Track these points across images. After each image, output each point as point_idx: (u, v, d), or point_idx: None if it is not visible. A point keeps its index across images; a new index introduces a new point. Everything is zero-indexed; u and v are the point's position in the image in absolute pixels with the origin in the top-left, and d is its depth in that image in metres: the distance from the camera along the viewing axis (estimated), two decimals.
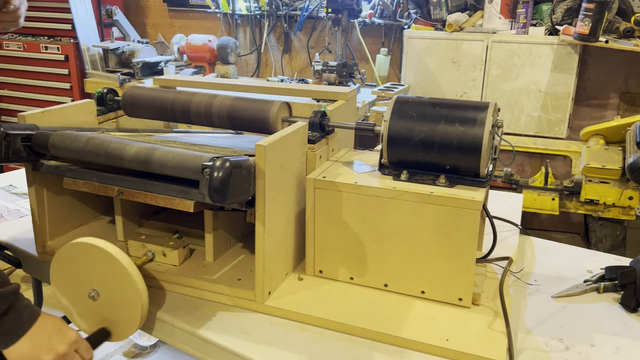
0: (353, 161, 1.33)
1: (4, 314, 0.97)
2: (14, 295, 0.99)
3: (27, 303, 1.02)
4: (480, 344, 1.05)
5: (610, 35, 2.85)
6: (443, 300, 1.17)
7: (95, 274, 1.09)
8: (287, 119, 1.36)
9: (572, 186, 2.66)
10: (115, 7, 3.91)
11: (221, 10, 3.95)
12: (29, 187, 1.33)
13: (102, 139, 1.21)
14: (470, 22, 3.16)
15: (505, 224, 1.57)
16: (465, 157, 1.14)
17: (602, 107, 3.23)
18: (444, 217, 1.11)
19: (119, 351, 2.58)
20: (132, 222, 1.43)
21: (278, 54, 3.99)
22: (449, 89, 3.20)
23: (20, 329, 0.99)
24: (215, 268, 1.28)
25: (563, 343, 1.11)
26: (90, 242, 1.08)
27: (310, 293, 1.21)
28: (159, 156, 1.13)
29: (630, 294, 1.23)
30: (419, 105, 1.21)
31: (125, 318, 1.09)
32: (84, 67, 3.80)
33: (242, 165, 1.03)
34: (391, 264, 1.19)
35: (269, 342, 1.08)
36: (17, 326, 0.99)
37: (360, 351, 1.06)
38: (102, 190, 1.22)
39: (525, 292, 1.29)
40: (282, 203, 1.18)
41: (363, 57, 3.72)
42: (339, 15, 3.33)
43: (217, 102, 1.39)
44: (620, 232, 2.73)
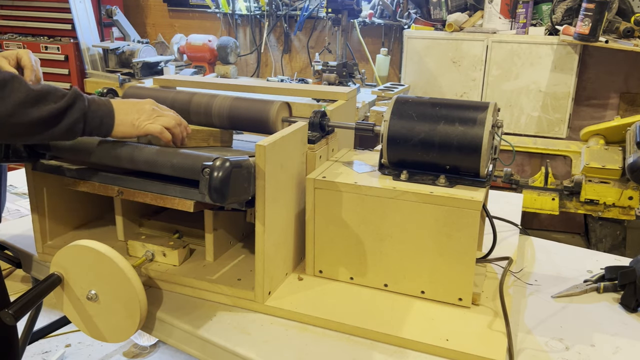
0: (353, 161, 1.33)
1: (86, 113, 1.09)
2: (81, 101, 1.09)
3: (92, 98, 1.12)
4: (480, 344, 1.05)
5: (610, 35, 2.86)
6: (443, 300, 1.17)
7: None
8: (287, 119, 1.36)
9: (572, 186, 2.66)
10: (115, 7, 3.91)
11: (221, 10, 3.95)
12: (29, 187, 1.33)
13: (102, 139, 1.21)
14: (470, 22, 3.16)
15: (505, 224, 1.57)
16: (465, 157, 1.14)
17: (602, 107, 3.23)
18: (444, 217, 1.11)
19: (119, 351, 2.58)
20: (132, 222, 1.43)
21: (278, 54, 3.99)
22: (449, 89, 3.20)
23: (108, 112, 1.12)
24: (215, 268, 1.28)
25: (563, 343, 1.11)
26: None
27: (310, 293, 1.22)
28: (159, 156, 1.13)
29: (630, 294, 1.23)
30: (419, 105, 1.21)
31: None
32: (84, 67, 3.80)
33: (242, 165, 1.03)
34: (391, 264, 1.19)
35: (269, 342, 1.08)
36: (105, 111, 1.12)
37: (360, 351, 1.06)
38: (102, 190, 1.22)
39: (525, 292, 1.29)
40: (282, 203, 1.18)
41: (363, 57, 3.72)
42: (339, 15, 3.33)
43: (217, 102, 1.39)
44: (620, 232, 2.73)
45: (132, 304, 1.07)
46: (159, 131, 1.16)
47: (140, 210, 1.44)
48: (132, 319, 1.09)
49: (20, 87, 1.01)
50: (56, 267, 1.13)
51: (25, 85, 1.02)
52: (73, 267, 1.11)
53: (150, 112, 1.16)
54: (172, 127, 1.18)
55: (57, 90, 1.07)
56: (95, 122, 1.10)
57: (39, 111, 1.02)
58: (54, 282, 1.11)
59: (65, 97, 1.06)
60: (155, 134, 1.16)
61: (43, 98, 1.03)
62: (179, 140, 1.21)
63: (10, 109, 0.99)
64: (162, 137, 1.16)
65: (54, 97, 1.05)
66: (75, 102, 1.07)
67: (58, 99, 1.05)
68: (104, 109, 1.12)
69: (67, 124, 1.06)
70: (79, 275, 1.11)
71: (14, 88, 1.00)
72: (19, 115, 1.01)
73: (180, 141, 1.21)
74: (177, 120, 1.20)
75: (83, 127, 1.09)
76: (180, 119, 1.22)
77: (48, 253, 1.38)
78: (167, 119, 1.18)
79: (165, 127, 1.17)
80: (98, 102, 1.12)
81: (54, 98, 1.04)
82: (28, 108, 1.01)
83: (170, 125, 1.18)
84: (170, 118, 1.19)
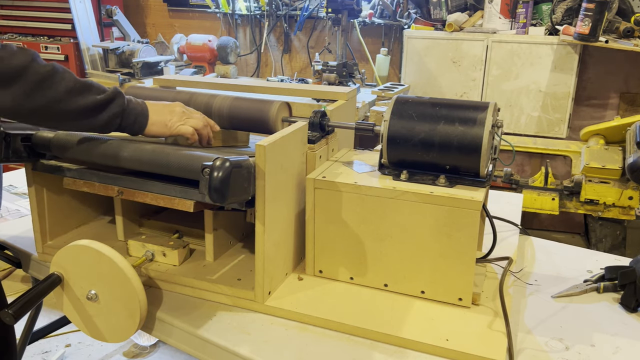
0: (353, 161, 1.33)
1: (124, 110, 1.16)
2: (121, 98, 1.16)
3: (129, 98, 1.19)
4: (480, 344, 1.05)
5: (610, 35, 2.86)
6: (443, 300, 1.17)
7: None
8: (287, 119, 1.36)
9: (572, 186, 2.66)
10: (115, 7, 3.92)
11: (221, 10, 3.95)
12: (29, 187, 1.33)
13: (103, 139, 1.21)
14: (470, 22, 3.16)
15: (505, 224, 1.57)
16: (465, 157, 1.14)
17: (602, 107, 3.23)
18: (444, 217, 1.11)
19: (119, 351, 2.58)
20: (132, 222, 1.43)
21: (278, 54, 3.99)
22: (449, 89, 3.20)
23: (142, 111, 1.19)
24: (215, 268, 1.28)
25: (563, 343, 1.11)
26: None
27: (310, 293, 1.21)
28: (159, 156, 1.13)
29: (630, 294, 1.23)
30: (419, 105, 1.21)
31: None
32: (84, 67, 3.80)
33: (242, 165, 1.03)
34: (391, 264, 1.19)
35: (269, 342, 1.08)
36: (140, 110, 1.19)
37: (360, 351, 1.06)
38: (102, 190, 1.22)
39: (525, 292, 1.29)
40: (282, 203, 1.18)
41: (363, 57, 3.72)
42: (339, 15, 3.33)
43: (217, 102, 1.39)
44: (620, 232, 2.73)
45: (132, 304, 1.07)
46: (191, 133, 1.24)
47: (140, 210, 1.44)
48: (132, 319, 1.09)
49: (70, 76, 1.09)
50: (56, 267, 1.13)
51: (73, 75, 1.10)
52: (73, 267, 1.11)
53: (181, 114, 1.24)
54: (201, 128, 1.26)
55: (100, 85, 1.15)
56: (130, 119, 1.17)
57: (84, 100, 1.09)
58: (54, 282, 1.11)
59: (107, 91, 1.14)
60: (187, 135, 1.24)
61: (88, 89, 1.11)
62: (205, 140, 1.29)
63: (59, 95, 1.06)
64: (191, 138, 1.25)
65: (97, 90, 1.12)
66: (116, 97, 1.14)
67: (101, 92, 1.13)
68: (139, 109, 1.19)
69: (107, 116, 1.13)
70: (79, 275, 1.11)
71: (64, 77, 1.08)
72: (67, 102, 1.08)
73: (207, 141, 1.30)
74: (204, 122, 1.28)
75: (120, 122, 1.16)
76: (207, 120, 1.30)
77: (48, 253, 1.38)
78: (196, 121, 1.26)
79: (195, 128, 1.25)
80: (135, 101, 1.19)
81: (97, 91, 1.12)
82: (75, 96, 1.09)
83: (199, 127, 1.26)
84: (199, 120, 1.27)
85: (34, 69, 1.04)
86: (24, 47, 1.06)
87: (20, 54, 1.03)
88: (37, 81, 1.04)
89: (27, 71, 1.03)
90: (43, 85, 1.05)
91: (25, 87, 1.03)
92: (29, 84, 1.03)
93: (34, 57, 1.05)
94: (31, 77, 1.03)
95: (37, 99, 1.05)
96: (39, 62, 1.06)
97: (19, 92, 1.03)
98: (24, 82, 1.03)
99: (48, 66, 1.06)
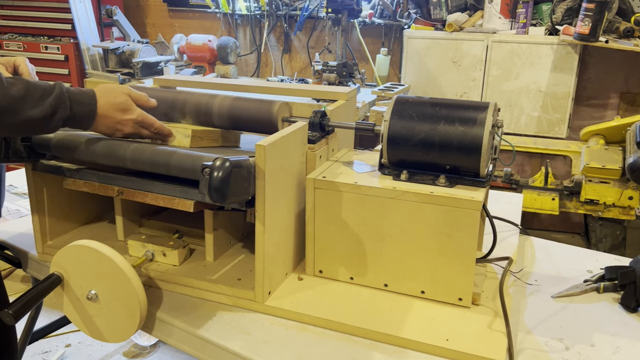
0: (353, 161, 1.33)
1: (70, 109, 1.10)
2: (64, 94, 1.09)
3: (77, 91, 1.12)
4: (480, 344, 1.05)
5: (610, 35, 2.86)
6: (443, 300, 1.17)
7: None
8: (287, 119, 1.36)
9: (572, 186, 2.66)
10: (115, 7, 3.91)
11: (221, 10, 3.95)
12: (29, 187, 1.33)
13: (103, 139, 1.21)
14: (470, 22, 3.16)
15: (505, 224, 1.57)
16: (465, 157, 1.14)
17: (602, 107, 3.23)
18: (444, 217, 1.11)
19: (119, 351, 2.58)
20: (132, 222, 1.43)
21: (278, 54, 3.99)
22: (449, 89, 3.21)
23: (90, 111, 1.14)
24: (215, 268, 1.28)
25: (563, 343, 1.11)
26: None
27: (310, 293, 1.21)
28: (160, 156, 1.13)
29: (630, 294, 1.23)
30: (419, 105, 1.21)
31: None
32: (84, 67, 3.80)
33: (242, 165, 1.03)
34: (391, 264, 1.19)
35: (269, 342, 1.08)
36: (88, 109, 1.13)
37: (360, 351, 1.06)
38: (102, 190, 1.22)
39: (525, 292, 1.29)
40: (282, 203, 1.18)
41: (363, 57, 3.72)
42: (339, 15, 3.33)
43: (217, 102, 1.39)
44: (620, 232, 2.73)
45: (132, 304, 1.07)
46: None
47: (140, 210, 1.44)
48: (132, 319, 1.09)
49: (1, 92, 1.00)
50: (56, 267, 1.13)
51: (3, 88, 1.01)
52: (73, 267, 1.11)
53: (127, 134, 1.21)
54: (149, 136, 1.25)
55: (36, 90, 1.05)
56: (74, 125, 1.14)
57: (16, 118, 1.03)
58: (54, 282, 1.11)
59: (46, 101, 1.05)
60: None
61: (20, 105, 1.03)
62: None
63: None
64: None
65: (32, 101, 1.04)
66: (57, 110, 1.07)
67: (38, 102, 1.04)
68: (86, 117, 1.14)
69: (48, 130, 1.10)
70: (79, 275, 1.11)
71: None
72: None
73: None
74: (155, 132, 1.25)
75: (63, 127, 1.12)
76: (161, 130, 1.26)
77: (48, 253, 1.38)
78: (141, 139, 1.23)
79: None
80: (82, 101, 1.12)
81: (32, 104, 1.04)
82: (4, 115, 1.01)
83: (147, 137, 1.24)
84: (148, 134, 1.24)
85: None
86: None
87: None
88: None
89: None
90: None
91: None
92: None
93: None
94: None
95: None
96: None
97: None
98: None
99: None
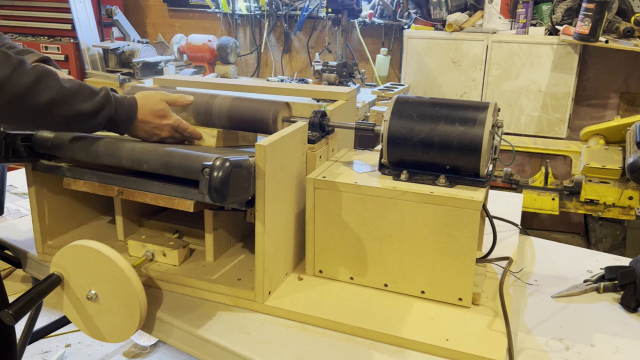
0: (353, 161, 1.33)
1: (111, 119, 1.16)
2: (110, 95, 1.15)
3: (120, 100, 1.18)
4: (480, 344, 1.05)
5: (610, 35, 2.86)
6: (443, 300, 1.17)
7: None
8: (287, 119, 1.36)
9: (572, 186, 2.66)
10: (115, 7, 3.92)
11: (221, 10, 3.95)
12: (29, 187, 1.33)
13: (103, 139, 1.21)
14: (470, 22, 3.16)
15: (505, 224, 1.57)
16: (465, 157, 1.14)
17: (602, 107, 3.23)
18: (444, 217, 1.11)
19: (119, 351, 2.58)
20: (132, 222, 1.43)
21: (278, 54, 3.99)
22: (449, 89, 3.20)
23: (131, 113, 1.20)
24: (215, 268, 1.28)
25: (563, 343, 1.11)
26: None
27: (310, 293, 1.22)
28: (160, 156, 1.13)
29: (630, 294, 1.23)
30: (419, 105, 1.21)
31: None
32: (84, 67, 3.80)
33: (242, 165, 1.03)
34: (391, 264, 1.19)
35: (269, 342, 1.08)
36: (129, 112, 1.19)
37: (360, 351, 1.06)
38: (102, 190, 1.22)
39: (525, 292, 1.29)
40: (282, 203, 1.18)
41: (363, 57, 3.72)
42: (339, 15, 3.33)
43: (217, 102, 1.39)
44: (620, 232, 2.73)
45: (132, 304, 1.07)
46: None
47: (140, 210, 1.44)
48: (132, 319, 1.09)
49: (55, 84, 1.05)
50: (56, 267, 1.13)
51: (60, 82, 1.06)
52: (73, 267, 1.11)
53: (168, 132, 1.27)
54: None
55: (88, 89, 1.11)
56: (115, 128, 1.20)
57: (67, 110, 1.07)
58: (54, 282, 1.11)
59: (94, 98, 1.11)
60: None
61: (72, 98, 1.08)
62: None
63: (40, 107, 1.03)
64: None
65: (82, 98, 1.10)
66: (104, 107, 1.13)
67: (87, 99, 1.10)
68: (125, 118, 1.19)
69: (92, 126, 1.14)
70: (79, 275, 1.11)
71: (47, 86, 1.04)
72: (49, 112, 1.05)
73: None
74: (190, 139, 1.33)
75: (105, 128, 1.17)
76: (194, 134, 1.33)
77: (48, 253, 1.38)
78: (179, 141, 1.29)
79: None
80: (122, 108, 1.18)
81: (82, 99, 1.10)
82: (58, 106, 1.06)
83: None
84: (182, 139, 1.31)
85: (15, 81, 0.99)
86: (7, 55, 1.00)
87: (1, 64, 0.98)
88: (18, 93, 1.00)
89: (6, 84, 0.98)
90: (24, 98, 1.01)
91: (4, 99, 0.99)
92: (9, 96, 0.99)
93: (16, 67, 1.00)
94: (11, 90, 0.99)
95: (17, 110, 1.01)
96: (22, 71, 1.01)
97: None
98: (3, 95, 0.99)
99: (31, 75, 1.02)
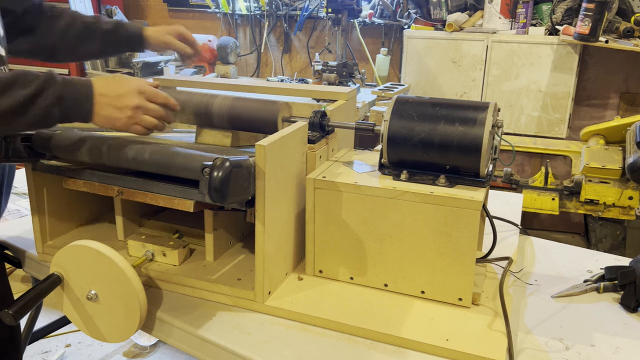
0: (353, 161, 1.33)
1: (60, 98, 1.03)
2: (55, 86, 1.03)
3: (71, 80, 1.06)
4: (480, 344, 1.05)
5: (610, 35, 2.86)
6: (443, 300, 1.17)
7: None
8: (287, 119, 1.36)
9: (572, 186, 2.66)
10: (115, 7, 3.91)
11: (221, 10, 3.96)
12: (29, 187, 1.33)
13: (103, 139, 1.21)
14: (470, 22, 3.16)
15: (505, 224, 1.57)
16: (465, 157, 1.14)
17: (602, 107, 3.23)
18: (444, 217, 1.11)
19: (119, 351, 2.58)
20: (132, 222, 1.43)
21: (278, 54, 3.99)
22: (449, 89, 3.21)
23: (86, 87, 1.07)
24: (215, 268, 1.28)
25: (563, 343, 1.11)
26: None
27: (310, 293, 1.22)
28: (160, 156, 1.13)
29: (630, 294, 1.23)
30: (419, 105, 1.21)
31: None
32: (84, 66, 3.80)
33: (242, 165, 1.03)
34: (391, 264, 1.19)
35: (269, 342, 1.08)
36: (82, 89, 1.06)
37: (360, 351, 1.06)
38: (102, 190, 1.22)
39: (525, 292, 1.29)
40: (282, 203, 1.18)
41: (363, 57, 3.72)
42: (339, 15, 3.33)
43: (217, 102, 1.39)
44: (620, 232, 2.73)
45: (132, 304, 1.07)
46: (142, 133, 1.15)
47: (140, 210, 1.44)
48: (132, 319, 1.09)
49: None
50: (56, 267, 1.13)
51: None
52: (73, 267, 1.11)
53: (134, 111, 1.11)
54: (155, 127, 1.16)
55: (28, 74, 1.01)
56: (72, 109, 1.06)
57: (7, 99, 0.99)
58: (54, 282, 1.11)
59: (34, 82, 1.01)
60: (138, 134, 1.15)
61: (10, 86, 0.99)
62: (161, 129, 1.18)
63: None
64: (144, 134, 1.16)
65: (22, 83, 1.00)
66: (47, 87, 1.02)
67: (27, 84, 1.00)
68: (83, 97, 1.06)
69: (39, 111, 1.02)
70: (79, 275, 1.11)
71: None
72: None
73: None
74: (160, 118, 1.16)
75: (60, 113, 1.05)
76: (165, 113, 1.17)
77: (48, 253, 1.38)
78: (149, 121, 1.13)
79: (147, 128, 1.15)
80: (76, 87, 1.06)
81: (22, 84, 1.00)
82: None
83: (152, 126, 1.15)
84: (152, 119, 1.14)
85: None
86: None
87: None
88: None
89: None
90: None
91: None
92: None
93: None
94: None
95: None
96: None
97: None
98: None
99: None
